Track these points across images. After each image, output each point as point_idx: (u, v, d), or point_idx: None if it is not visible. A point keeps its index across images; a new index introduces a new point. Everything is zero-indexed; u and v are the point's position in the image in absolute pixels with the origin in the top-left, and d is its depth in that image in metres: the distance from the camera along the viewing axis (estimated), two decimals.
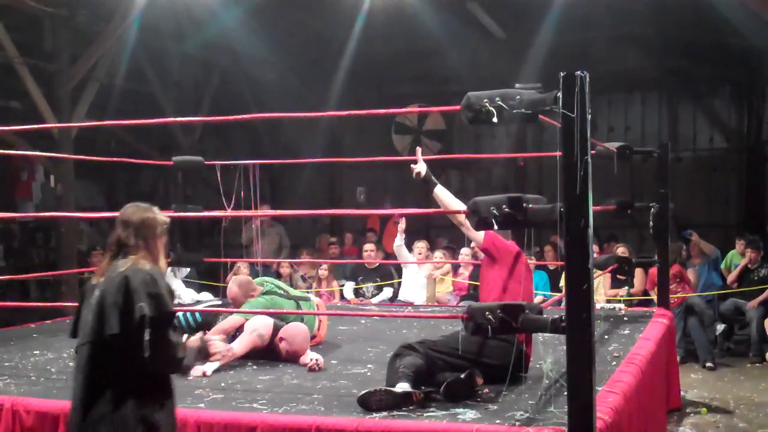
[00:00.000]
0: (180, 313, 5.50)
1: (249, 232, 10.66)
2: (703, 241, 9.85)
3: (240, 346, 5.04)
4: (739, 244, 9.45)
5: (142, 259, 3.13)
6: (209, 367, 4.75)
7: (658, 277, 7.28)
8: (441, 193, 4.47)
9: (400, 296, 8.97)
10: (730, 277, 9.30)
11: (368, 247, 9.58)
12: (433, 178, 4.45)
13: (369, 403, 3.83)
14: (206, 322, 5.46)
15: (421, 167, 4.43)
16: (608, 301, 8.21)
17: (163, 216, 3.32)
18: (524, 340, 4.31)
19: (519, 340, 4.21)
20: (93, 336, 3.04)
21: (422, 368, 4.14)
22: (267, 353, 5.16)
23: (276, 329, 5.16)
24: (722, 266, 9.56)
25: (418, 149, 4.54)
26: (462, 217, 4.40)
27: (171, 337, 3.08)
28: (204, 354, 3.42)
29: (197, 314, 5.59)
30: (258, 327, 5.11)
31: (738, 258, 9.38)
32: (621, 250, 8.27)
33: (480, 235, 4.47)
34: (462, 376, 4.10)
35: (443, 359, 4.25)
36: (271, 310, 5.33)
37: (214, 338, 4.72)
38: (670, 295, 8.63)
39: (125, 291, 3.02)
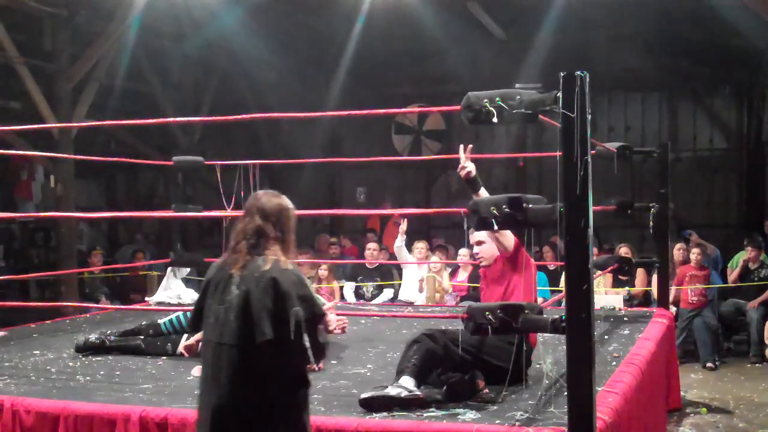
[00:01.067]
0: (174, 316, 5.52)
1: None
2: (704, 241, 9.85)
3: None
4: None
5: (282, 254, 3.00)
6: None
7: (658, 277, 7.27)
8: (484, 196, 4.24)
9: (400, 296, 8.97)
10: (731, 277, 9.30)
11: (371, 246, 9.57)
12: (479, 180, 4.28)
13: (371, 406, 3.83)
14: None
15: (471, 166, 4.24)
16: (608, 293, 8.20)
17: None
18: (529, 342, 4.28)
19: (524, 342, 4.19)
20: (240, 340, 2.91)
21: (436, 357, 4.09)
22: None
23: None
24: (729, 266, 9.55)
25: (468, 147, 4.28)
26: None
27: (320, 335, 2.98)
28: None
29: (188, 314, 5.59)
30: None
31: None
32: (624, 251, 8.26)
33: (510, 241, 4.38)
34: (465, 377, 4.10)
35: (461, 355, 4.21)
36: None
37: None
38: (695, 295, 8.72)
39: (275, 294, 2.89)
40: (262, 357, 2.91)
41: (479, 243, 4.66)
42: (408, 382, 3.97)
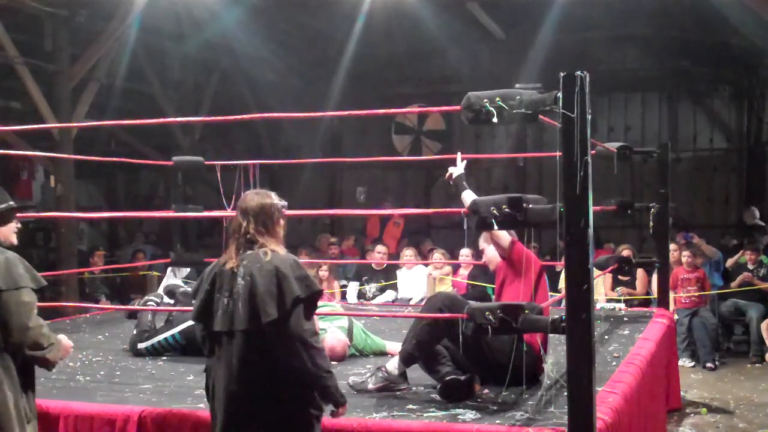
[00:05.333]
0: (162, 337, 5.41)
1: None
2: (705, 244, 9.85)
3: None
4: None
5: (276, 246, 3.25)
6: None
7: (658, 277, 7.27)
8: (466, 197, 4.41)
9: (400, 294, 8.99)
10: (735, 284, 9.25)
11: (380, 248, 9.59)
12: (464, 183, 4.48)
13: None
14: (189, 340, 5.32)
15: (456, 170, 4.51)
16: (609, 301, 8.20)
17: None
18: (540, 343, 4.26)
19: (533, 344, 4.19)
20: (249, 324, 3.15)
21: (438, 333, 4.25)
22: None
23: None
24: (730, 267, 9.53)
25: (459, 155, 4.59)
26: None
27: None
28: None
29: (177, 335, 5.40)
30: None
31: (744, 260, 9.37)
32: (626, 252, 8.26)
33: (505, 240, 4.41)
34: (462, 377, 4.10)
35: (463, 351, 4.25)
36: None
37: None
38: (687, 296, 8.71)
39: (277, 278, 3.15)
40: (269, 340, 3.11)
41: (482, 251, 4.76)
42: (393, 366, 4.22)
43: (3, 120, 9.18)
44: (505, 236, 4.43)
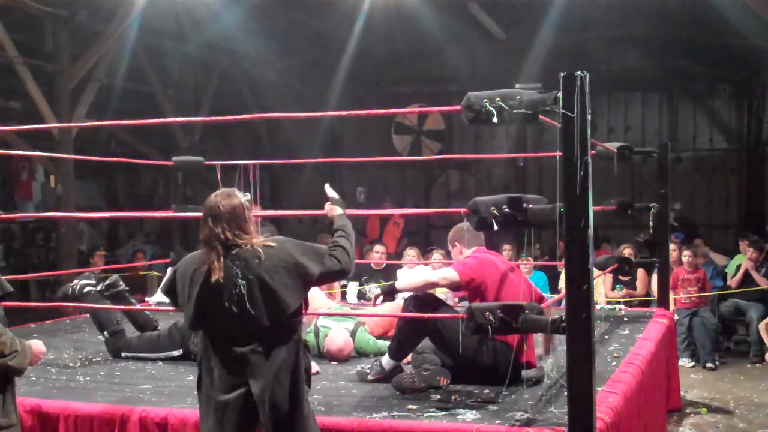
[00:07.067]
0: (146, 357, 5.28)
1: None
2: (702, 245, 9.84)
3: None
4: (742, 244, 9.43)
5: (256, 237, 3.24)
6: None
7: (658, 277, 7.26)
8: (403, 283, 4.60)
9: (399, 295, 8.98)
10: (734, 281, 9.25)
11: (379, 248, 9.58)
12: (390, 288, 4.71)
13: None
14: None
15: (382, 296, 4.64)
16: (608, 303, 8.20)
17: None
18: (518, 345, 4.21)
19: (511, 345, 4.19)
20: (271, 319, 3.15)
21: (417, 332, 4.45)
22: None
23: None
24: (730, 271, 9.51)
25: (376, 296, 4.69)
26: (432, 279, 4.54)
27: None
28: None
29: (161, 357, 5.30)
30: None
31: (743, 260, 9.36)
32: (628, 252, 8.25)
33: (453, 277, 4.37)
34: (410, 372, 4.29)
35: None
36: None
37: None
38: (687, 297, 8.71)
39: (287, 268, 3.19)
40: (289, 329, 3.15)
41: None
42: (386, 361, 4.41)
43: (3, 120, 9.18)
44: (451, 274, 4.40)
